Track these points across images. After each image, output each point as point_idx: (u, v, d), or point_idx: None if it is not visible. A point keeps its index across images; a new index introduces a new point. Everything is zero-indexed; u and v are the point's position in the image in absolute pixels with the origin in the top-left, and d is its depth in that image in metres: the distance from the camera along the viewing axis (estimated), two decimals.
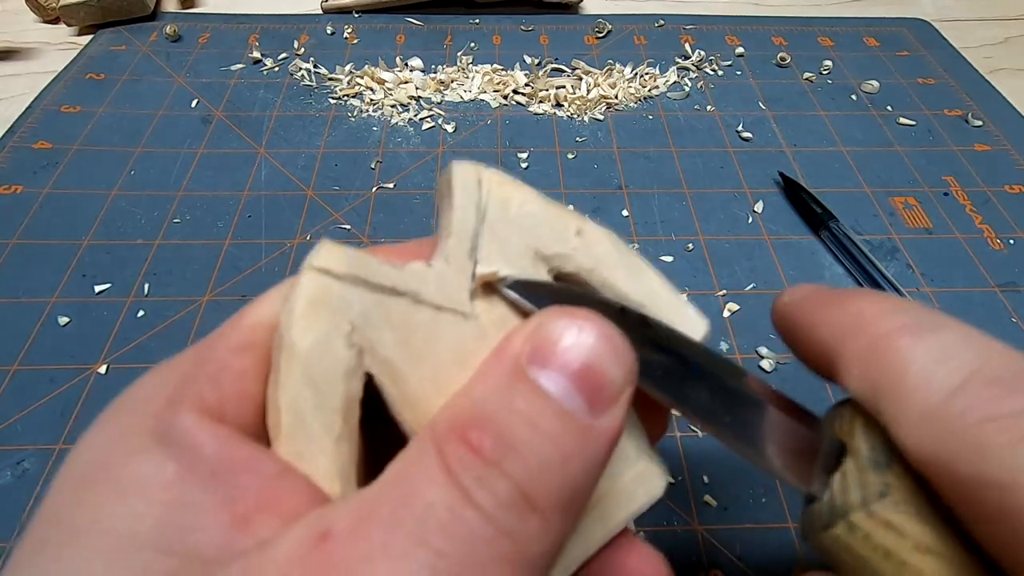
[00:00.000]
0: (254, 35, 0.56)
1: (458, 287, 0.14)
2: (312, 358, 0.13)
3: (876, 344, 0.14)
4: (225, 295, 0.36)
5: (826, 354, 0.16)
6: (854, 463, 0.14)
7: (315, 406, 0.13)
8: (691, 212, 0.42)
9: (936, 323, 0.14)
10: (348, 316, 0.13)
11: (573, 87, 0.51)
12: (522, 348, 0.12)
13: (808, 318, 0.16)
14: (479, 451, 0.11)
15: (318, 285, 0.13)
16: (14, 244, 0.39)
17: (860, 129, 0.48)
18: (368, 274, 0.13)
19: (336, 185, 0.43)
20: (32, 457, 0.30)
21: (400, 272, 0.14)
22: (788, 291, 0.18)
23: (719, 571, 0.27)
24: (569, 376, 0.12)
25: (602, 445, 0.12)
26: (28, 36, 0.56)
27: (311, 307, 0.13)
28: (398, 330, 0.13)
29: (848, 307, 0.15)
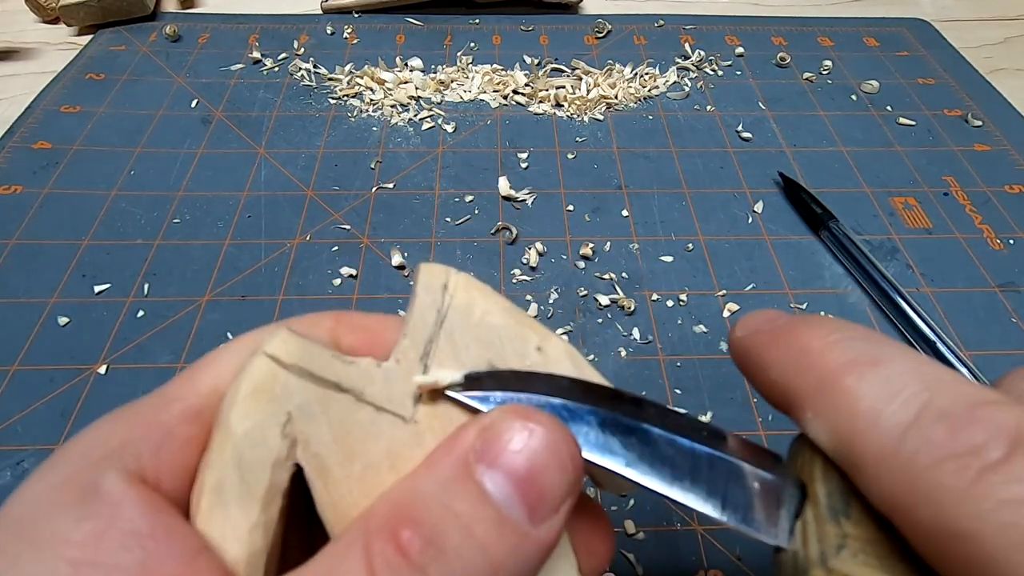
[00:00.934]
0: (254, 35, 0.56)
1: (403, 390, 0.14)
2: (244, 443, 0.13)
3: (822, 384, 0.14)
4: (225, 295, 0.36)
5: (781, 393, 0.15)
6: (813, 512, 0.14)
7: (238, 491, 0.13)
8: (691, 212, 0.42)
9: (880, 355, 0.13)
10: (288, 406, 0.13)
11: (573, 87, 0.51)
12: (472, 444, 0.12)
13: (758, 356, 0.16)
14: (406, 553, 0.11)
15: (265, 372, 0.13)
16: (14, 244, 0.39)
17: (860, 129, 0.48)
18: (315, 367, 0.14)
19: (336, 185, 0.43)
20: (32, 457, 0.30)
21: (348, 368, 0.14)
22: (739, 324, 0.17)
23: (719, 571, 0.27)
24: (514, 481, 0.12)
25: (535, 555, 0.12)
26: (28, 36, 0.56)
27: (253, 393, 0.13)
28: (335, 426, 0.14)
29: (793, 343, 0.15)
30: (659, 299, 0.37)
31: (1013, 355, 0.35)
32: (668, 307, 0.36)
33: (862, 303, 0.37)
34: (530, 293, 0.37)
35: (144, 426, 0.14)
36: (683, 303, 0.37)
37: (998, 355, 0.35)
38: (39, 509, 0.12)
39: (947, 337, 0.34)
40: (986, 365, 0.34)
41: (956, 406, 0.12)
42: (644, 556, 0.27)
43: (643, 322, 0.36)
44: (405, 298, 0.37)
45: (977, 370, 0.33)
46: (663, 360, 0.34)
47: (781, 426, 0.32)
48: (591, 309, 0.36)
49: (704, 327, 0.36)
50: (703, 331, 0.35)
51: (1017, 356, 0.35)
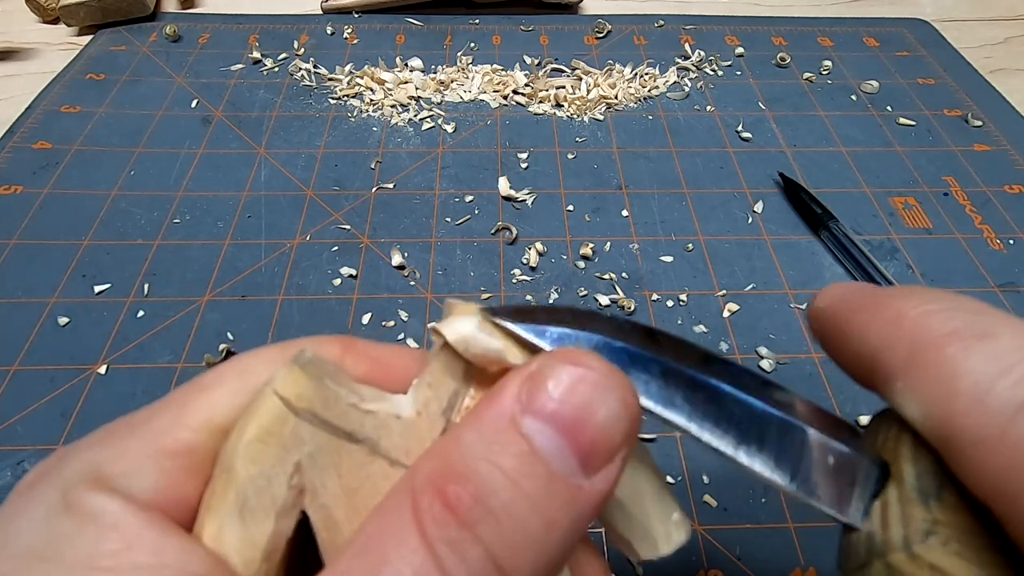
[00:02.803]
0: (254, 35, 0.56)
1: (421, 445, 0.13)
2: (249, 490, 0.12)
3: (921, 354, 0.12)
4: (225, 295, 0.36)
5: (867, 365, 0.14)
6: (897, 492, 0.13)
7: (239, 538, 0.12)
8: (691, 212, 0.42)
9: (990, 326, 0.12)
10: (297, 455, 0.13)
11: (573, 87, 0.51)
12: (516, 394, 0.12)
13: (844, 325, 0.14)
14: (455, 510, 0.11)
15: (274, 415, 0.13)
16: (14, 244, 0.39)
17: (860, 129, 0.48)
18: (329, 414, 0.13)
19: (336, 185, 0.43)
20: (32, 457, 0.30)
21: (363, 416, 0.13)
22: (822, 293, 0.16)
23: (719, 571, 0.27)
24: (563, 431, 0.11)
25: (591, 508, 0.12)
26: (28, 36, 0.56)
27: (261, 438, 0.13)
28: (346, 478, 0.13)
29: (887, 310, 0.13)
30: (659, 299, 0.37)
31: None
32: (668, 307, 0.36)
33: None
34: (530, 293, 0.37)
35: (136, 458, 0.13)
36: (683, 303, 0.37)
37: None
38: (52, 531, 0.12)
39: None
40: None
41: None
42: None
43: (643, 322, 0.36)
44: (405, 298, 0.37)
45: None
46: None
47: None
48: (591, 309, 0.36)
49: (704, 327, 0.36)
50: (703, 331, 0.35)
51: None
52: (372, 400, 0.13)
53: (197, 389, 0.14)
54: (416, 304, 0.36)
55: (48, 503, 0.12)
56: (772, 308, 0.37)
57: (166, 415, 0.14)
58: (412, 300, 0.36)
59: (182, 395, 0.14)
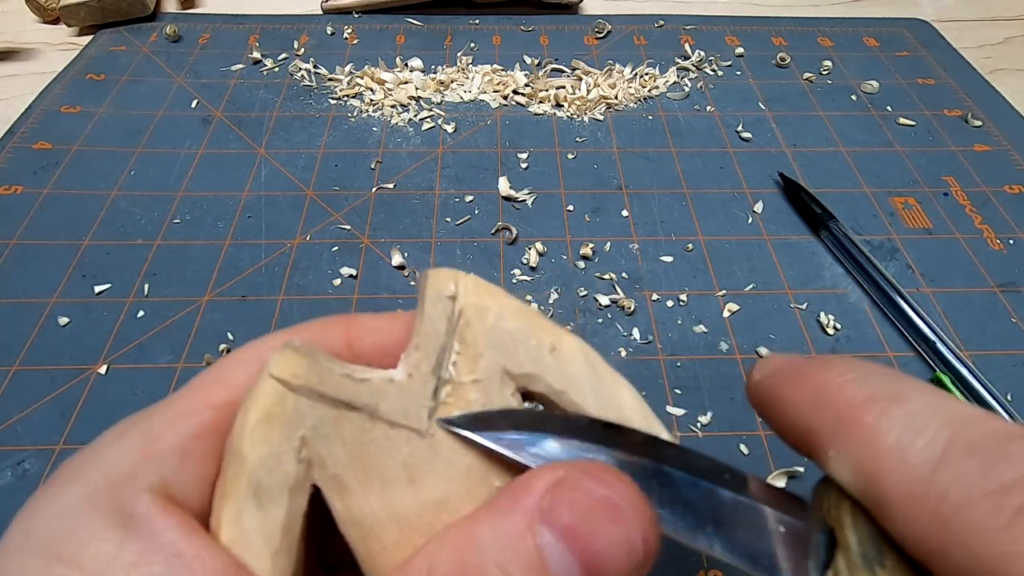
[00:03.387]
0: (254, 35, 0.56)
1: (417, 404, 0.14)
2: (259, 471, 0.13)
3: (842, 421, 0.13)
4: (225, 295, 0.36)
5: (801, 435, 0.14)
6: (845, 560, 0.13)
7: (257, 519, 0.13)
8: (691, 212, 0.42)
9: (901, 391, 0.13)
10: (300, 430, 0.13)
11: (573, 87, 0.51)
12: (538, 501, 0.12)
13: (777, 396, 0.15)
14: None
15: (274, 396, 0.13)
16: (14, 244, 0.39)
17: (860, 129, 0.48)
18: (325, 387, 0.13)
19: (336, 185, 0.43)
20: (32, 457, 0.30)
21: (358, 385, 0.14)
22: (757, 366, 0.16)
23: (719, 571, 0.27)
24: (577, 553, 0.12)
25: None
26: (28, 36, 0.56)
27: (264, 419, 0.13)
28: (350, 445, 0.13)
29: (810, 381, 0.14)
30: (659, 299, 0.37)
31: (1013, 355, 0.35)
32: (668, 307, 0.36)
33: (862, 303, 0.37)
34: (530, 293, 0.37)
35: (160, 442, 0.13)
36: (683, 303, 0.37)
37: (998, 355, 0.35)
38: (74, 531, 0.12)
39: (947, 337, 0.34)
40: (986, 365, 0.34)
41: (985, 441, 0.11)
42: None
43: (643, 322, 0.36)
44: (405, 298, 0.37)
45: (977, 370, 0.33)
46: (663, 360, 0.34)
47: None
48: (591, 309, 0.36)
49: (704, 327, 0.36)
50: (703, 331, 0.35)
51: (1017, 356, 0.35)
52: (364, 371, 0.14)
53: (213, 373, 0.15)
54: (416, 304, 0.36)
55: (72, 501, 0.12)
56: (772, 308, 0.37)
57: (188, 400, 0.14)
58: (412, 300, 0.36)
59: (199, 381, 0.15)
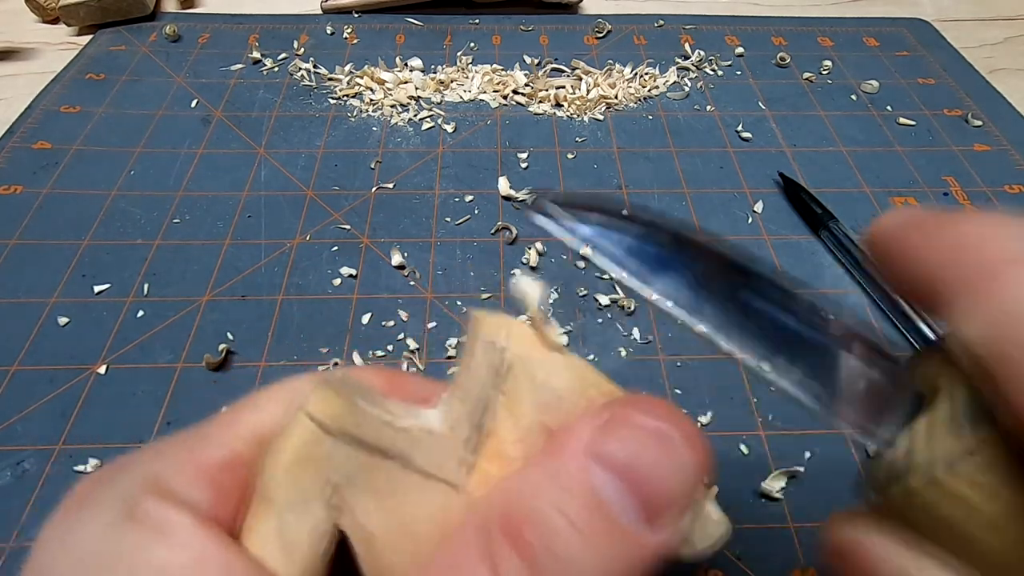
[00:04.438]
0: (254, 35, 0.56)
1: (454, 457, 0.13)
2: (287, 515, 0.13)
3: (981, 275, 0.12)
4: (225, 295, 0.36)
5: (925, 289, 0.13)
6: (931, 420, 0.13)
7: (281, 560, 0.13)
8: (691, 212, 0.42)
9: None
10: (332, 474, 0.13)
11: (573, 87, 0.51)
12: (588, 441, 0.12)
13: (901, 247, 0.14)
14: (524, 552, 0.11)
15: (308, 438, 0.13)
16: (14, 244, 0.39)
17: (860, 129, 0.48)
18: (361, 432, 0.13)
19: (336, 185, 0.43)
20: (32, 457, 0.30)
21: (395, 432, 0.13)
22: (884, 217, 0.15)
23: (719, 571, 0.27)
24: (632, 486, 0.11)
25: (649, 561, 0.12)
26: (28, 36, 0.56)
27: (296, 462, 0.13)
28: (381, 495, 0.13)
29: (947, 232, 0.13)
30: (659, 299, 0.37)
31: None
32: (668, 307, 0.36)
33: (862, 303, 0.37)
34: None
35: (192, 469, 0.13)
36: None
37: None
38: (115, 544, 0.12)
39: None
40: None
41: None
42: None
43: (643, 322, 0.36)
44: (405, 298, 0.37)
45: None
46: (663, 360, 0.34)
47: (781, 426, 0.31)
48: (591, 309, 0.36)
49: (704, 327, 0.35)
50: (703, 331, 0.35)
51: None
52: (403, 417, 0.13)
53: (247, 407, 0.15)
54: (416, 304, 0.36)
55: (110, 513, 0.12)
56: None
57: (218, 431, 0.14)
58: (412, 300, 0.36)
59: (233, 413, 0.15)
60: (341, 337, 0.35)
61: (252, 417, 0.14)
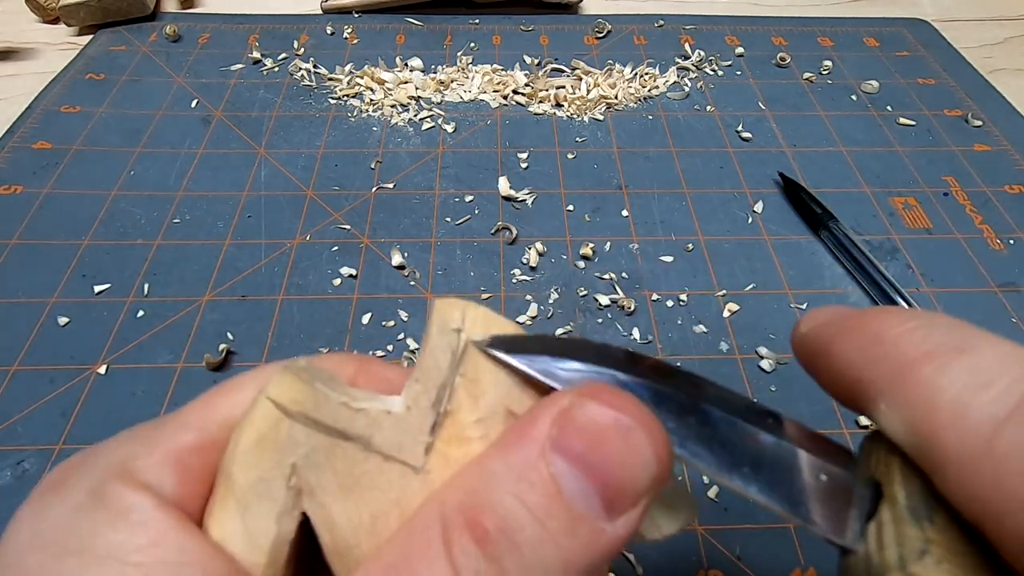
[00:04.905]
0: (254, 35, 0.56)
1: (414, 438, 0.13)
2: (249, 496, 0.13)
3: (898, 373, 0.12)
4: (225, 295, 0.36)
5: (850, 388, 0.14)
6: (891, 513, 0.13)
7: (243, 544, 0.13)
8: (691, 212, 0.42)
9: (969, 341, 0.12)
10: (292, 456, 0.13)
11: (573, 87, 0.51)
12: (547, 431, 0.12)
13: (826, 347, 0.14)
14: (483, 542, 0.11)
15: (268, 420, 0.13)
16: (14, 244, 0.39)
17: (860, 129, 0.48)
18: (321, 414, 0.13)
19: (336, 185, 0.43)
20: (32, 457, 0.30)
21: (356, 415, 0.13)
22: (805, 318, 0.16)
23: (719, 571, 0.27)
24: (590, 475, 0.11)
25: (610, 550, 0.12)
26: (28, 36, 0.56)
27: (256, 443, 0.13)
28: (342, 476, 0.13)
29: (866, 331, 0.13)
30: (659, 299, 0.37)
31: None
32: (668, 307, 0.36)
33: (862, 303, 0.37)
34: (530, 293, 0.37)
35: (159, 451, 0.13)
36: (683, 303, 0.37)
37: None
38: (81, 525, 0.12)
39: None
40: None
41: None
42: (644, 556, 0.27)
43: (643, 322, 0.36)
44: (405, 298, 0.37)
45: None
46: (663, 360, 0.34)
47: None
48: (591, 309, 0.36)
49: (704, 327, 0.36)
50: (703, 331, 0.35)
51: None
52: (363, 400, 0.14)
53: (222, 392, 0.15)
54: (416, 304, 0.36)
55: (77, 497, 0.12)
56: (772, 308, 0.37)
57: (191, 415, 0.14)
58: (412, 300, 0.36)
59: (208, 397, 0.15)
60: (341, 337, 0.35)
61: (225, 401, 0.14)
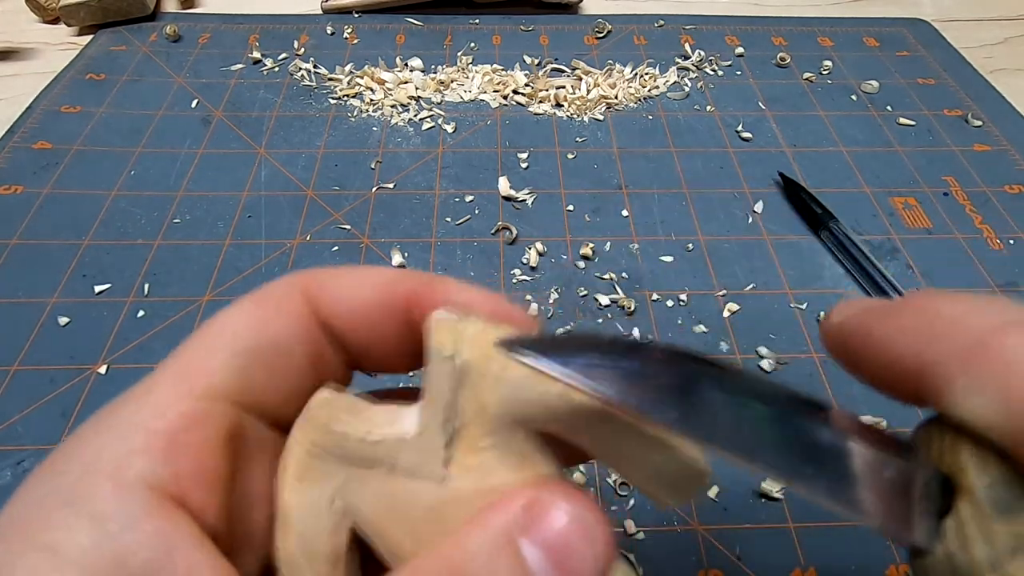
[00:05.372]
0: (254, 35, 0.56)
1: (432, 456, 0.15)
2: (301, 519, 0.15)
3: (975, 348, 0.11)
4: (225, 295, 0.36)
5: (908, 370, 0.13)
6: (971, 506, 0.12)
7: (306, 558, 0.15)
8: (691, 212, 0.42)
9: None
10: (329, 487, 0.15)
11: (573, 87, 0.51)
12: (517, 517, 0.13)
13: (870, 333, 0.14)
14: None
15: (302, 460, 0.15)
16: (14, 244, 0.39)
17: (860, 129, 0.48)
18: (345, 451, 0.15)
19: (336, 185, 0.43)
20: (32, 457, 0.30)
21: (375, 447, 0.15)
22: (837, 309, 0.15)
23: (719, 571, 0.27)
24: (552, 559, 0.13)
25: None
26: (28, 36, 0.56)
27: (297, 476, 0.15)
28: (377, 496, 0.15)
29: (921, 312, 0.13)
30: (659, 299, 0.37)
31: None
32: (668, 307, 0.36)
33: None
34: (530, 293, 0.37)
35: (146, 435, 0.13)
36: (683, 303, 0.37)
37: None
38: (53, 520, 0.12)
39: None
40: None
41: None
42: (644, 556, 0.27)
43: (643, 322, 0.36)
44: None
45: None
46: None
47: None
48: (591, 309, 0.36)
49: (704, 327, 0.36)
50: (703, 331, 0.35)
51: None
52: (380, 426, 0.15)
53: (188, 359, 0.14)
54: None
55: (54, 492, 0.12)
56: (772, 308, 0.37)
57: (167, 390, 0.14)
58: None
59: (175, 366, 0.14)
60: None
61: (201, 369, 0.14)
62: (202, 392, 0.14)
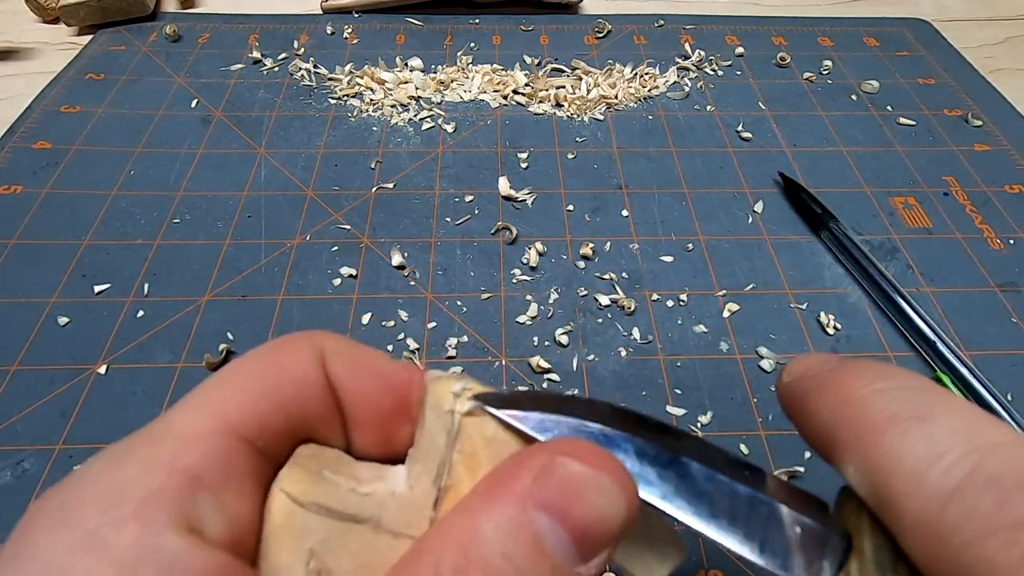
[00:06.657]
0: (254, 35, 0.56)
1: (419, 514, 0.14)
2: None
3: (863, 438, 0.13)
4: (225, 295, 0.36)
5: (824, 444, 0.14)
6: (858, 564, 0.13)
7: None
8: (691, 212, 0.42)
9: (927, 410, 0.13)
10: (310, 542, 0.14)
11: (573, 87, 0.51)
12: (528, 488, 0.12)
13: (803, 403, 0.15)
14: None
15: (284, 511, 0.14)
16: (14, 244, 0.39)
17: (860, 129, 0.48)
18: (331, 502, 0.14)
19: (336, 185, 0.43)
20: (32, 457, 0.30)
21: (363, 500, 0.14)
22: (787, 369, 0.16)
23: (719, 571, 0.27)
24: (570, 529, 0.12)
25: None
26: (28, 36, 0.56)
27: (277, 532, 0.14)
28: (356, 555, 0.14)
29: (836, 391, 0.14)
30: (659, 299, 0.37)
31: (1013, 355, 0.35)
32: (668, 307, 0.36)
33: (862, 303, 0.37)
34: (530, 293, 0.37)
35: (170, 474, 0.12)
36: (683, 303, 0.37)
37: (998, 355, 0.35)
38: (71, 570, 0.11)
39: (947, 337, 0.34)
40: (986, 365, 0.34)
41: (1007, 473, 0.11)
42: None
43: (643, 322, 0.36)
44: (405, 298, 0.37)
45: (977, 370, 0.33)
46: (663, 360, 0.34)
47: (781, 426, 0.31)
48: (591, 309, 0.36)
49: (704, 327, 0.36)
50: (703, 331, 0.35)
51: (1017, 356, 0.35)
52: (369, 481, 0.15)
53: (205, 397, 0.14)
54: (416, 304, 0.36)
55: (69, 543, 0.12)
56: (772, 308, 0.37)
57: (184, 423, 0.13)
58: (412, 300, 0.36)
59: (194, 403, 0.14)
60: None
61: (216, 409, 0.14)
62: (224, 430, 0.13)
